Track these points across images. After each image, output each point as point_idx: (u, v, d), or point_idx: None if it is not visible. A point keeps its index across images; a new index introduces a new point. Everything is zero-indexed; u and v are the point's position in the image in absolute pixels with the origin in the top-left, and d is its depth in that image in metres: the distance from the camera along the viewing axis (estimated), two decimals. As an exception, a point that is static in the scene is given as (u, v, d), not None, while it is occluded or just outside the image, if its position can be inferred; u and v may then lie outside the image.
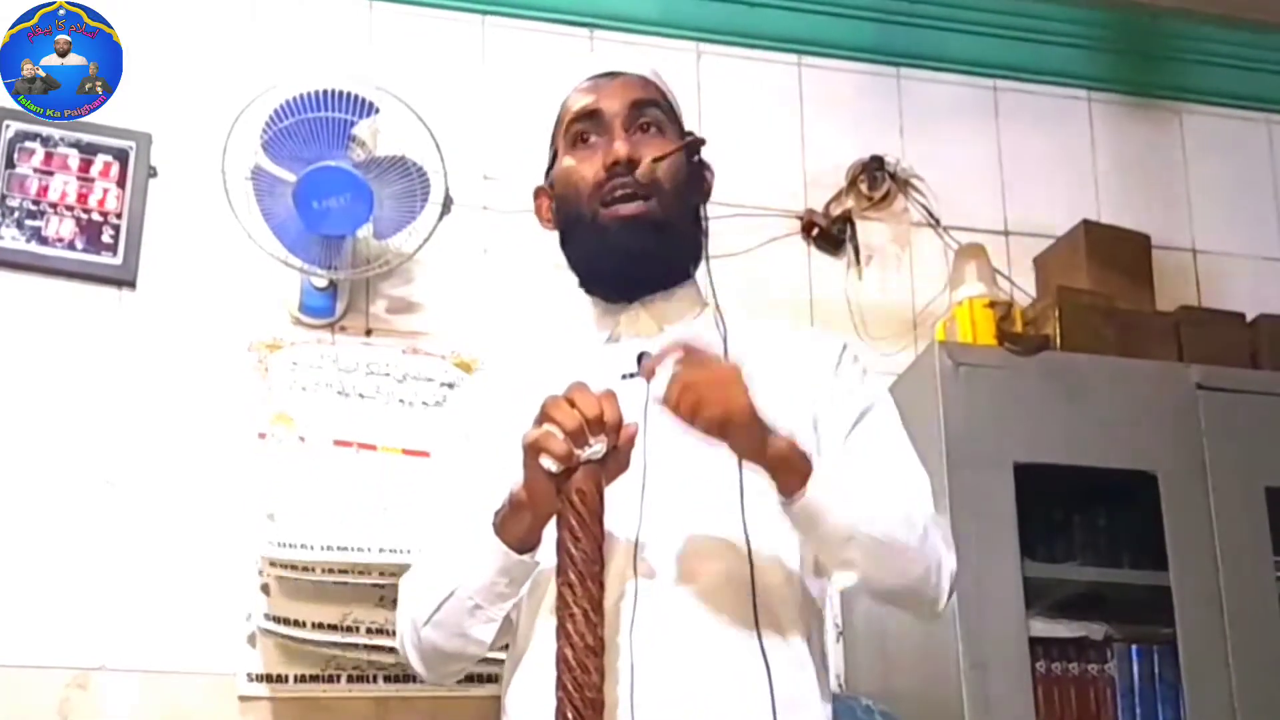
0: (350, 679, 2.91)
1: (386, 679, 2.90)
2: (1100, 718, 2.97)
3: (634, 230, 1.92)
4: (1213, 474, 3.02)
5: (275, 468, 2.97)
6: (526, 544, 1.79)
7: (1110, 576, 3.05)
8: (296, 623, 2.85)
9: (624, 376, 1.90)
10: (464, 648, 1.87)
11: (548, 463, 1.71)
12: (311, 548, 2.86)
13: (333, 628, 2.85)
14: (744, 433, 1.73)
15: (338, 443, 3.01)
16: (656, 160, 1.94)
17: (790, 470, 1.76)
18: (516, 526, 1.78)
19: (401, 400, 3.09)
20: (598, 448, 1.71)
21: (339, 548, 2.87)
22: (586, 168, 1.96)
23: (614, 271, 1.96)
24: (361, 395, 3.07)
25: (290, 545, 2.86)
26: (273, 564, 2.86)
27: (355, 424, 3.03)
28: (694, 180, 1.99)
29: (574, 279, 2.05)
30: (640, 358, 1.90)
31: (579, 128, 1.99)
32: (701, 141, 1.98)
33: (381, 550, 2.86)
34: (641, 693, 1.76)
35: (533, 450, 1.72)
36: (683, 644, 1.79)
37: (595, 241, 1.95)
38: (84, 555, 2.91)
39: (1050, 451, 2.99)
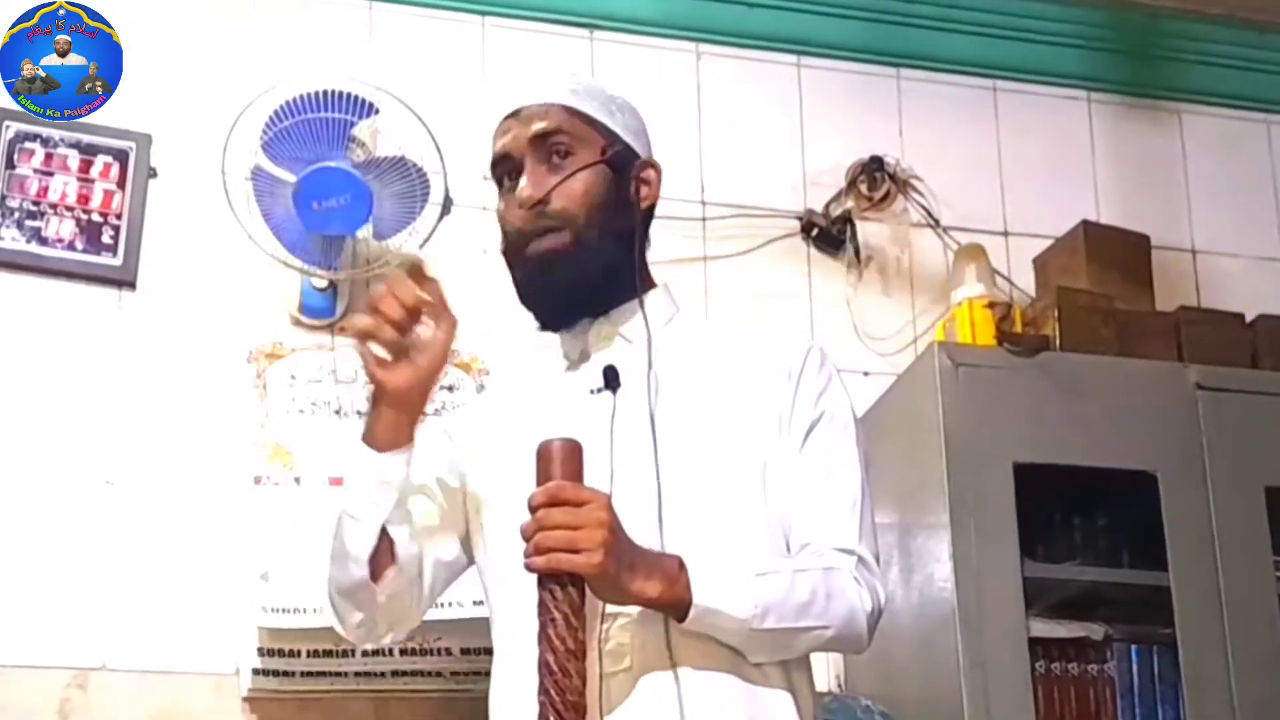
0: (356, 674, 2.91)
1: (393, 674, 2.90)
2: (1100, 718, 2.97)
3: (550, 265, 1.96)
4: (1212, 474, 3.02)
5: (268, 520, 2.93)
6: (394, 443, 1.87)
7: (1110, 576, 3.04)
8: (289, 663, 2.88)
9: (591, 392, 1.92)
10: (349, 573, 1.89)
11: (378, 349, 1.82)
12: (304, 612, 2.84)
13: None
14: (602, 586, 1.74)
15: (334, 481, 2.99)
16: (555, 188, 1.96)
17: (668, 606, 1.78)
18: (379, 426, 1.86)
19: None
20: (424, 330, 1.83)
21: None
22: (510, 212, 2.00)
23: (542, 307, 2.00)
24: (359, 413, 3.07)
25: (284, 611, 2.84)
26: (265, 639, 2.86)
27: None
28: (618, 192, 1.99)
29: None
30: (607, 371, 1.92)
31: (499, 172, 2.04)
32: (612, 152, 1.98)
33: None
34: (611, 699, 1.80)
35: (362, 339, 1.82)
36: (651, 650, 1.81)
37: (522, 280, 2.00)
38: (84, 555, 2.92)
39: (1050, 452, 2.98)
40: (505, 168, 2.02)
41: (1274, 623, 2.96)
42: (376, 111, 3.05)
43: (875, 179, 3.52)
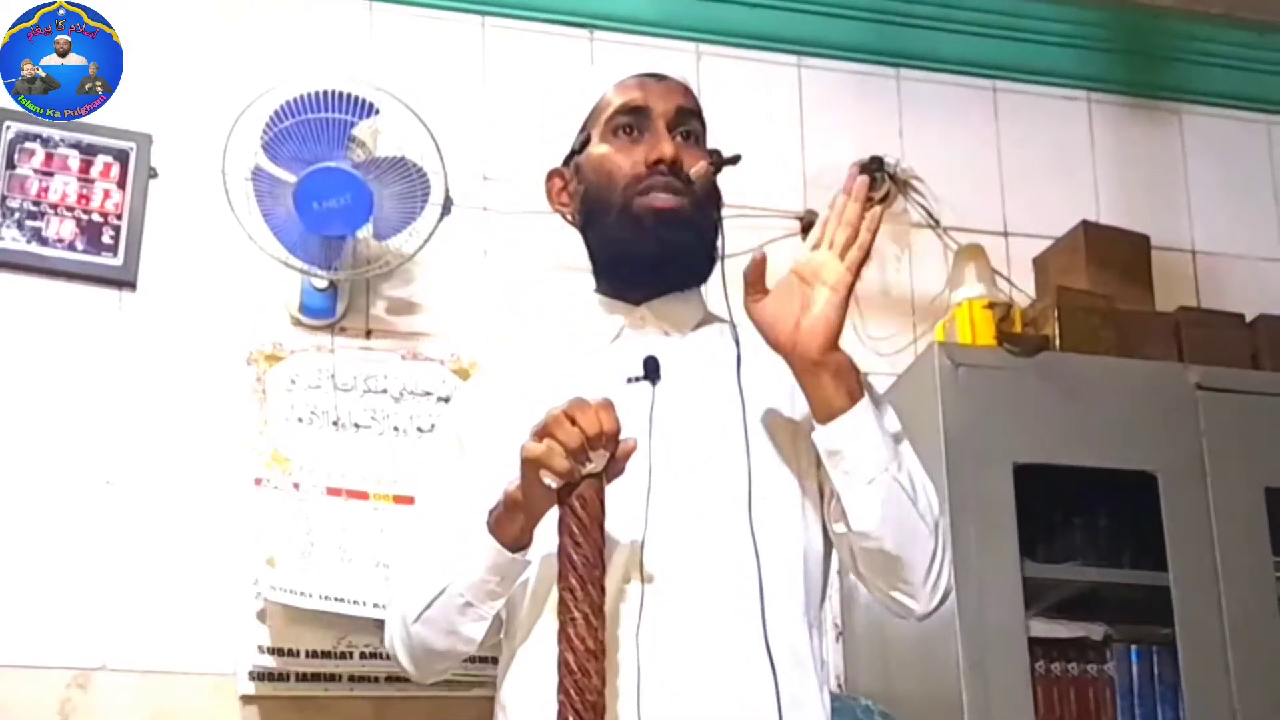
0: (351, 679, 2.92)
1: (387, 679, 2.90)
2: (1099, 718, 2.97)
3: (669, 222, 1.94)
4: (1212, 474, 3.02)
5: (271, 515, 2.94)
6: (519, 543, 1.82)
7: (1110, 577, 3.04)
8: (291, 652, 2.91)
9: (629, 380, 1.91)
10: (453, 645, 1.89)
11: (549, 479, 1.73)
12: (310, 596, 2.87)
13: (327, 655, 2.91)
14: (833, 320, 1.80)
15: (330, 491, 3.00)
16: (717, 167, 1.96)
17: (843, 383, 1.80)
18: (510, 526, 1.80)
19: (396, 429, 3.08)
20: (598, 461, 1.73)
21: (336, 599, 2.87)
22: (624, 159, 1.97)
23: (641, 261, 1.96)
24: (357, 425, 3.07)
25: (291, 592, 2.86)
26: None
27: (349, 464, 3.03)
28: (717, 195, 2.01)
29: (573, 279, 2.06)
30: (647, 362, 1.91)
31: (623, 120, 2.00)
32: (739, 159, 2.00)
33: (377, 606, 2.84)
34: (648, 692, 1.77)
35: (532, 465, 1.73)
36: (688, 645, 1.80)
37: (626, 230, 1.95)
38: (84, 555, 2.92)
39: (1050, 452, 2.98)
40: (632, 119, 1.99)
41: (1274, 623, 2.96)
42: (376, 112, 3.04)
43: (875, 179, 3.51)
